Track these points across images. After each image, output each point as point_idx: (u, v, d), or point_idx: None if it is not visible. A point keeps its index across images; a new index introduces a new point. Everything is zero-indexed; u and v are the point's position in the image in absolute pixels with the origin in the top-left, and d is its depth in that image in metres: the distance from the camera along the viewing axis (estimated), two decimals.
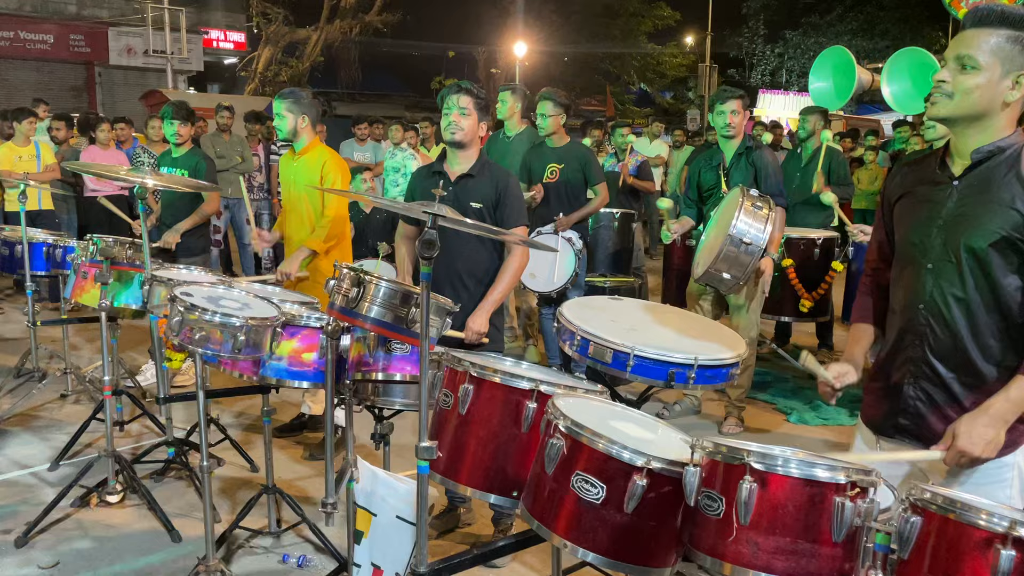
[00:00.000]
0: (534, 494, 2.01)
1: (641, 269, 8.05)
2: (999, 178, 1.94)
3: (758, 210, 3.95)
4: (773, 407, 5.58)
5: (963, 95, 1.93)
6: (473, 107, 3.35)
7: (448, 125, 3.38)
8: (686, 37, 30.86)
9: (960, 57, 1.93)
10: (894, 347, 2.13)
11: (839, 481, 1.60)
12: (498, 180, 3.42)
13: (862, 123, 18.41)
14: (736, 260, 3.82)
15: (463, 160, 3.44)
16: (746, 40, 32.19)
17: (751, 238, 3.83)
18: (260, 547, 3.58)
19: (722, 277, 3.81)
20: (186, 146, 5.45)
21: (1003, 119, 1.95)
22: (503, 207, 3.38)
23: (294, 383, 2.98)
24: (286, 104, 4.43)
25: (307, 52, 23.09)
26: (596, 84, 26.93)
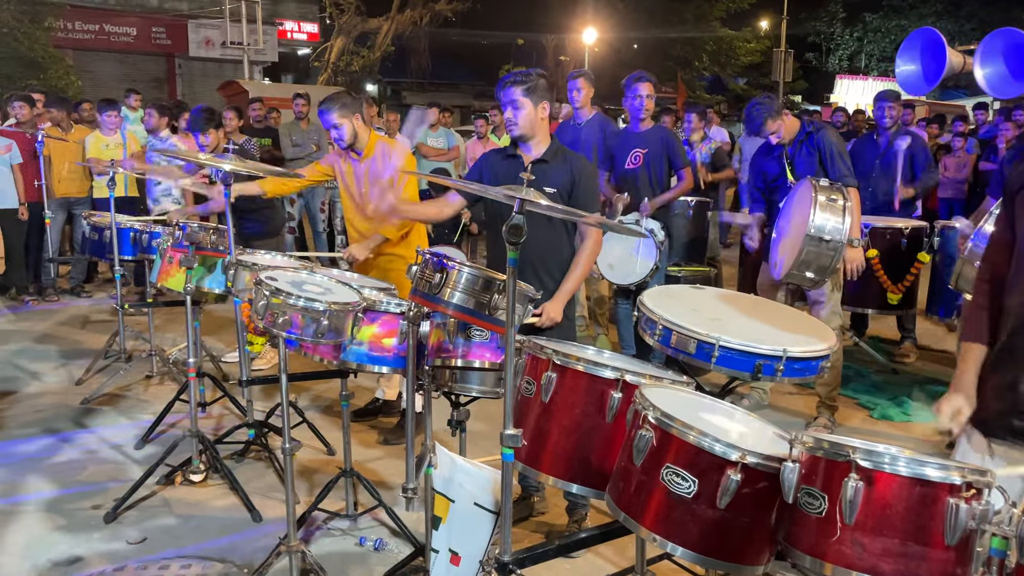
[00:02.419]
0: (621, 486, 1.97)
1: (716, 258, 7.89)
2: None
3: (833, 203, 3.80)
4: (855, 402, 5.39)
5: None
6: (523, 96, 3.26)
7: (507, 123, 3.34)
8: (761, 21, 30.06)
9: None
10: (1009, 344, 2.02)
11: (953, 482, 1.52)
12: (572, 166, 3.35)
13: (947, 108, 17.68)
14: (818, 258, 3.69)
15: (535, 146, 3.38)
16: (824, 24, 31.20)
17: (830, 234, 3.68)
18: (337, 529, 3.63)
19: (805, 276, 3.68)
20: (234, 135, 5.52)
21: None
22: (578, 193, 3.31)
23: (374, 368, 2.99)
24: (337, 112, 4.21)
25: (378, 42, 23.32)
26: (667, 70, 26.46)
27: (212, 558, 3.39)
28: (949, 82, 14.78)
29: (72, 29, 20.50)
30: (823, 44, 31.60)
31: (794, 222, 4.05)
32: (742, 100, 27.60)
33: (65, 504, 3.86)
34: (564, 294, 3.26)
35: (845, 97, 23.75)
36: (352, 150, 4.37)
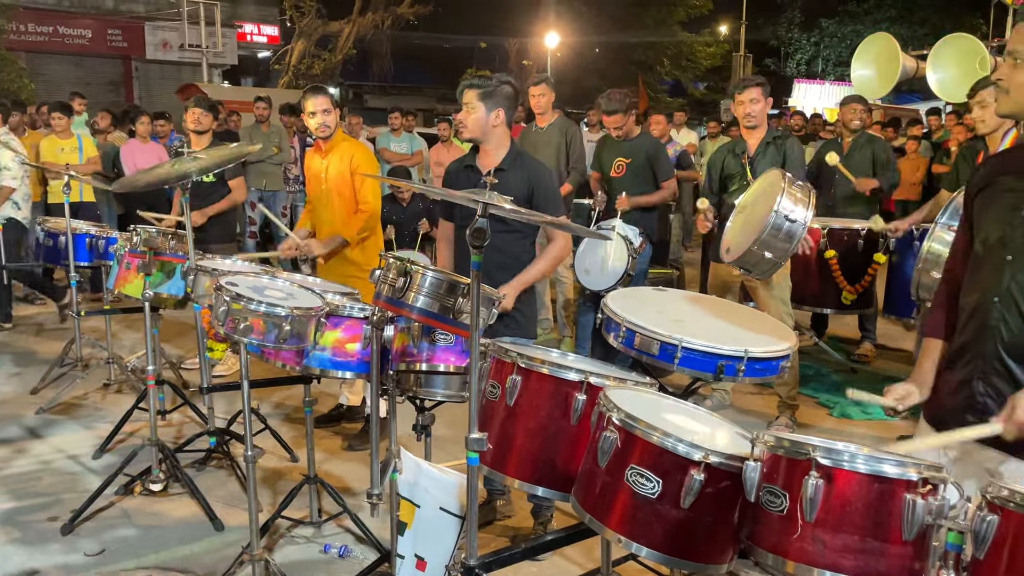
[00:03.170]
0: (586, 487, 1.98)
1: (679, 261, 7.97)
2: None
3: (800, 189, 3.86)
4: (815, 401, 5.48)
5: (1017, 90, 1.91)
6: (477, 100, 3.25)
7: (457, 125, 3.34)
8: (720, 26, 30.46)
9: (1012, 52, 1.91)
10: (963, 342, 2.06)
11: (910, 478, 1.55)
12: (530, 173, 3.34)
13: (901, 112, 18.06)
14: (777, 241, 3.72)
15: (491, 153, 3.37)
16: (782, 28, 31.71)
17: (794, 218, 3.72)
18: (301, 537, 3.59)
19: (763, 256, 3.70)
20: (207, 137, 5.51)
21: None
22: (537, 200, 3.30)
23: (337, 373, 2.97)
24: (330, 99, 4.38)
25: (339, 45, 23.15)
26: (629, 74, 26.65)
27: (173, 568, 3.33)
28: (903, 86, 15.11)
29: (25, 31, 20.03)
30: (781, 49, 32.10)
31: (755, 208, 4.09)
32: (703, 104, 27.95)
33: (20, 516, 3.77)
34: (518, 283, 3.25)
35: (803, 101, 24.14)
36: (322, 142, 4.45)
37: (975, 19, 25.41)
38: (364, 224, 4.39)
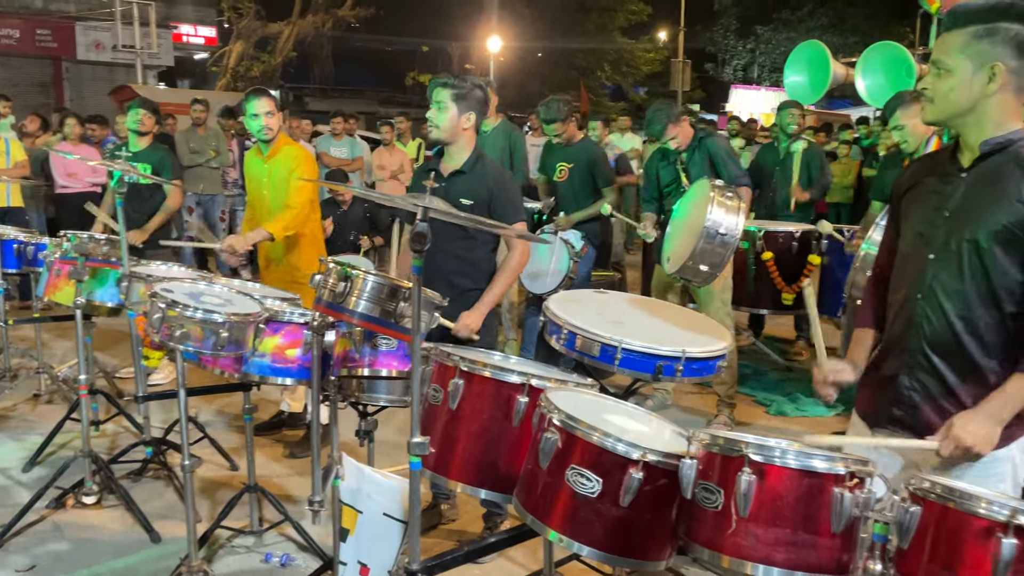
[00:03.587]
0: (528, 489, 2.00)
1: (621, 263, 8.07)
2: (1006, 171, 1.94)
3: (729, 201, 3.95)
4: (753, 399, 5.61)
5: (942, 98, 1.98)
6: (450, 100, 3.23)
7: (427, 122, 3.30)
8: (659, 32, 30.94)
9: (934, 63, 1.99)
10: (891, 338, 2.14)
11: (838, 472, 1.60)
12: (490, 177, 3.32)
13: (833, 117, 18.60)
14: (712, 252, 3.81)
15: (455, 156, 3.35)
16: (718, 35, 32.37)
17: (726, 228, 3.82)
18: (242, 547, 3.53)
19: (698, 270, 3.80)
20: (147, 139, 5.39)
21: (997, 111, 1.94)
22: (497, 204, 3.28)
23: (277, 380, 2.93)
24: (273, 101, 4.31)
25: (279, 47, 22.84)
26: (570, 79, 26.90)
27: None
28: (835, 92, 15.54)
29: None
30: (718, 55, 32.76)
31: (690, 219, 4.18)
32: (643, 109, 28.34)
33: None
34: (485, 305, 3.24)
35: (740, 106, 24.70)
36: (263, 145, 4.39)
37: (903, 28, 26.32)
38: (291, 223, 4.28)
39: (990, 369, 1.96)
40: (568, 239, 5.19)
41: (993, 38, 1.89)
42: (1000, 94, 1.93)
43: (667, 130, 4.90)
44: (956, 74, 1.94)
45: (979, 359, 1.97)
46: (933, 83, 2.00)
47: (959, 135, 2.07)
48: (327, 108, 14.95)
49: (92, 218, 5.67)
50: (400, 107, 17.89)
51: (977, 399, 1.96)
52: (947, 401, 2.01)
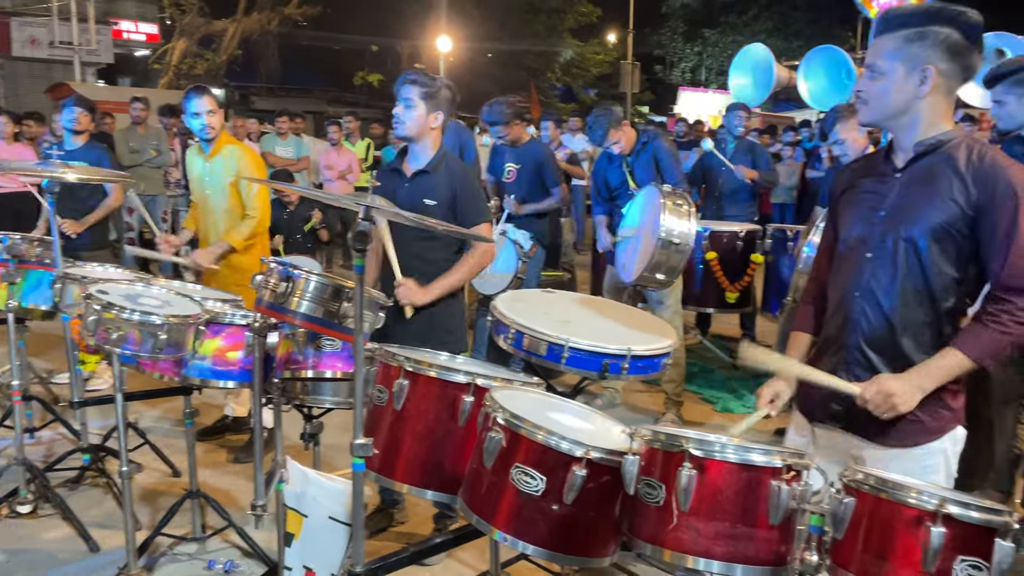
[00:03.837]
0: (472, 488, 1.99)
1: (571, 263, 8.11)
2: (939, 171, 1.99)
3: (679, 207, 4.01)
4: (700, 397, 5.69)
5: (876, 100, 2.03)
6: (418, 98, 3.19)
7: (394, 119, 3.24)
8: (608, 35, 31.19)
9: (868, 65, 2.04)
10: (829, 335, 2.18)
11: (775, 465, 1.63)
12: (454, 176, 3.27)
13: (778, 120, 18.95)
14: (668, 261, 3.87)
15: (420, 155, 3.31)
16: (666, 38, 32.76)
17: (679, 237, 3.87)
18: (184, 554, 3.45)
19: (656, 278, 3.86)
20: (83, 138, 5.25)
21: (929, 112, 2.00)
22: (460, 204, 3.24)
23: (219, 383, 2.88)
24: (214, 99, 4.24)
25: (223, 45, 22.40)
26: (521, 80, 26.96)
27: None
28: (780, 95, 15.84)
29: None
30: (667, 58, 33.15)
31: (643, 228, 4.23)
32: None
33: None
34: (436, 287, 3.20)
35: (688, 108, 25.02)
36: (206, 144, 4.30)
37: (845, 32, 26.97)
38: (251, 231, 4.27)
39: None
40: (517, 239, 5.19)
41: (924, 41, 1.94)
42: (932, 96, 1.98)
43: (608, 135, 4.94)
44: (890, 77, 1.99)
45: (914, 355, 2.02)
46: (867, 86, 2.04)
47: (893, 137, 2.12)
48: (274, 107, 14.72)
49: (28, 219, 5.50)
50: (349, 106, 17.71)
51: None
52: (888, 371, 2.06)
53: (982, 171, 1.94)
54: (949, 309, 2.01)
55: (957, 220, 1.95)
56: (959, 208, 1.94)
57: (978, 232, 1.94)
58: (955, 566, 1.50)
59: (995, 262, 1.92)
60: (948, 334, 2.01)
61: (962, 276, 1.99)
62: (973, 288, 2.02)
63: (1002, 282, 1.92)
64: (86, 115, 5.25)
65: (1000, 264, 1.91)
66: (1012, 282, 1.90)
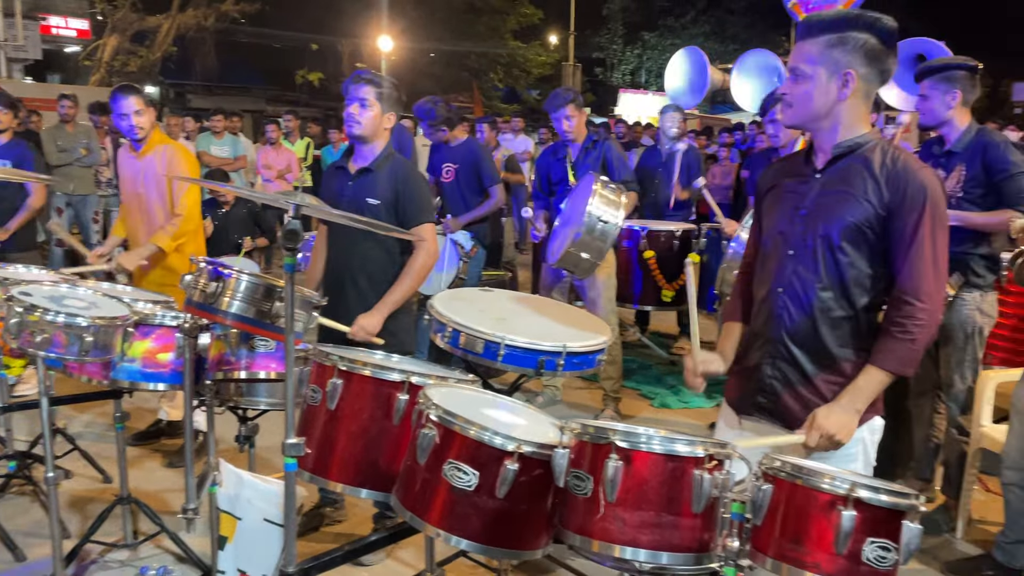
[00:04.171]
0: (406, 486, 2.00)
1: (512, 263, 8.15)
2: (855, 172, 2.06)
3: (611, 192, 4.06)
4: (638, 393, 5.78)
5: (800, 103, 2.09)
6: (374, 98, 3.16)
7: (347, 118, 3.20)
8: (550, 36, 31.39)
9: (792, 69, 2.10)
10: (755, 330, 2.25)
11: (698, 455, 1.68)
12: (398, 175, 3.24)
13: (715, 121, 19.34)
14: (593, 241, 3.90)
15: (366, 154, 3.28)
16: (607, 41, 33.12)
17: (607, 218, 3.90)
18: (115, 561, 3.37)
19: (580, 258, 3.88)
20: (6, 136, 5.09)
21: (849, 116, 2.07)
22: (403, 204, 3.21)
23: (149, 386, 2.82)
24: (143, 98, 4.13)
25: (158, 41, 21.86)
26: (463, 80, 26.96)
27: None
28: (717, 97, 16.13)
29: None
30: (607, 60, 33.52)
31: (573, 211, 4.27)
32: (536, 111, 28.68)
33: None
34: (384, 306, 3.16)
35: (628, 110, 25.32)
36: (137, 144, 4.20)
37: (779, 37, 27.64)
38: (181, 229, 4.19)
39: (844, 358, 2.10)
40: (458, 240, 5.20)
41: (845, 47, 2.01)
42: (852, 99, 2.06)
43: (567, 107, 4.90)
44: (813, 80, 2.05)
45: (834, 349, 2.10)
46: (792, 88, 2.10)
47: (813, 138, 2.20)
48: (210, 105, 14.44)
49: None
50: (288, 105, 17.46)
51: (832, 386, 2.09)
52: (805, 388, 2.13)
53: (895, 173, 2.02)
54: (866, 304, 2.09)
55: (871, 220, 2.03)
56: (873, 208, 2.03)
57: (888, 232, 2.02)
58: (865, 547, 1.57)
59: (898, 261, 2.02)
60: (865, 327, 2.10)
61: (877, 273, 2.07)
62: (889, 284, 2.10)
63: (902, 284, 2.01)
64: (6, 112, 5.08)
65: (901, 264, 2.01)
66: (910, 284, 1.99)
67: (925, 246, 1.98)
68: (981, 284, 3.55)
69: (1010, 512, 3.26)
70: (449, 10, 26.22)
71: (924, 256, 1.98)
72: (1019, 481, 3.21)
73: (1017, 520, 3.23)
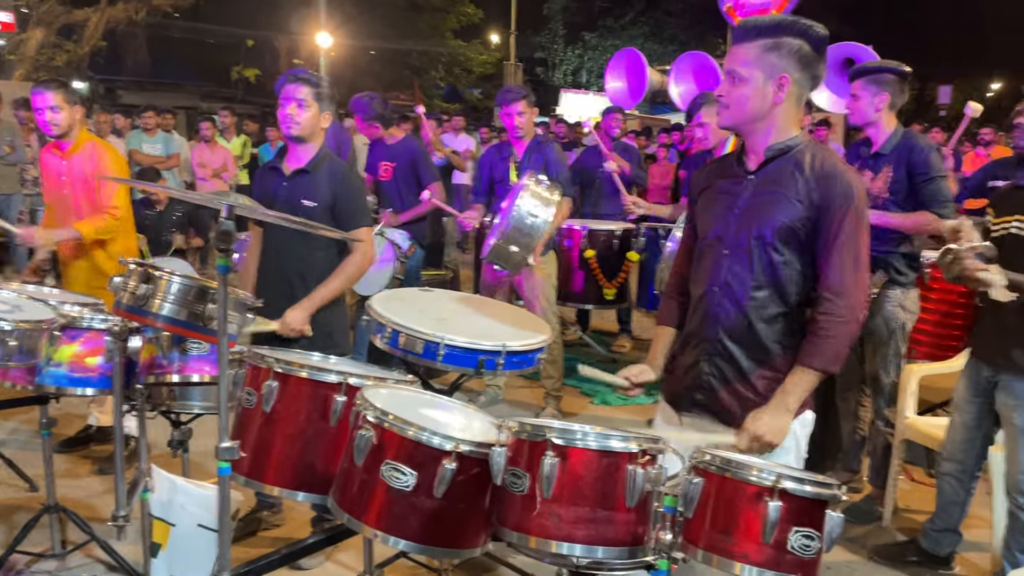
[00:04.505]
0: (343, 487, 1.99)
1: (453, 263, 8.15)
2: (786, 173, 2.13)
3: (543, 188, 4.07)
4: (579, 391, 5.83)
5: (737, 105, 2.14)
6: (312, 98, 3.13)
7: (284, 119, 3.15)
8: (491, 35, 31.41)
9: (729, 72, 2.15)
10: (692, 329, 2.30)
11: (631, 450, 1.72)
12: (334, 177, 3.21)
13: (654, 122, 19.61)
14: (521, 234, 3.91)
15: (301, 154, 3.23)
16: (548, 40, 33.30)
17: (537, 212, 3.92)
18: (42, 571, 3.27)
19: (509, 251, 3.90)
20: None
21: (781, 119, 2.14)
22: (340, 206, 3.18)
23: (77, 391, 2.74)
24: (60, 93, 3.97)
25: (86, 35, 21.15)
26: (404, 78, 26.76)
27: None
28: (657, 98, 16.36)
29: None
30: (549, 59, 33.69)
31: (507, 206, 4.28)
32: (477, 110, 28.68)
33: None
34: (310, 301, 3.13)
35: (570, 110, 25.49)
36: (60, 141, 4.06)
37: (716, 39, 28.18)
38: (107, 226, 4.05)
39: (779, 354, 2.16)
40: (395, 239, 5.17)
41: (780, 51, 2.07)
42: (786, 103, 2.12)
43: (520, 102, 4.89)
44: (750, 84, 2.10)
45: (770, 345, 2.16)
46: (729, 90, 2.15)
47: (745, 140, 2.26)
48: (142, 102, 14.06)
49: None
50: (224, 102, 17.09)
51: (768, 381, 2.15)
52: (741, 384, 2.19)
53: (823, 174, 2.09)
54: (799, 301, 2.16)
55: (802, 219, 2.09)
56: (804, 208, 2.09)
57: (816, 230, 2.09)
58: (790, 536, 1.62)
59: (821, 260, 2.09)
60: (798, 324, 2.16)
61: (809, 271, 2.14)
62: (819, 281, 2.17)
63: (824, 281, 2.09)
64: None
65: (825, 262, 2.08)
66: (832, 280, 2.07)
67: (847, 245, 2.06)
68: (903, 282, 3.69)
69: (942, 501, 3.39)
70: (389, 7, 25.98)
71: (845, 255, 2.06)
72: (955, 472, 3.33)
73: (947, 509, 3.37)
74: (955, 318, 4.32)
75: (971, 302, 4.21)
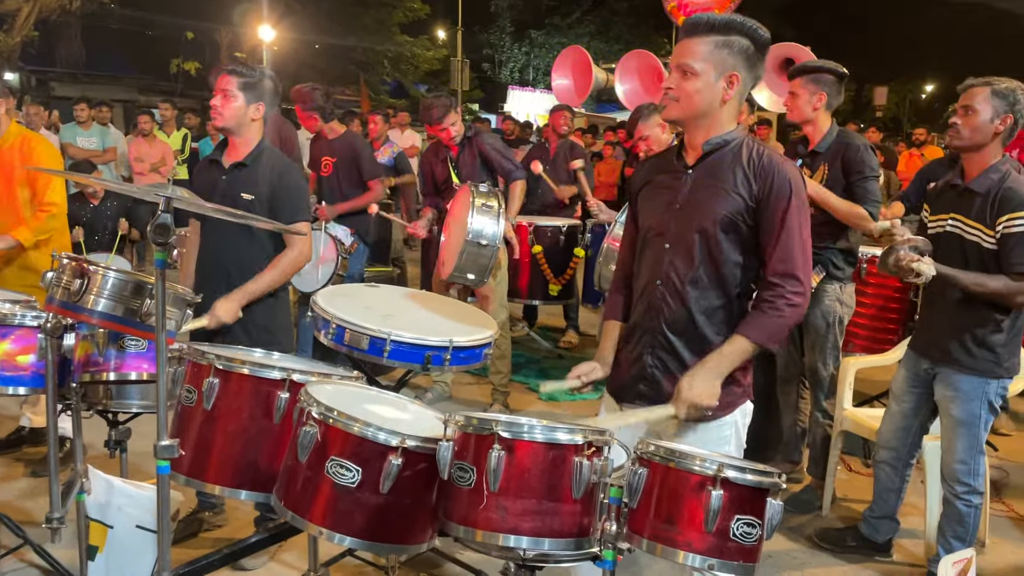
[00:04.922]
0: (287, 485, 1.96)
1: (400, 259, 8.09)
2: (725, 167, 2.17)
3: (488, 209, 4.06)
4: (526, 387, 5.85)
5: (687, 99, 2.15)
6: (237, 88, 3.08)
7: (212, 110, 3.11)
8: (438, 31, 31.28)
9: (680, 65, 2.16)
10: (635, 322, 2.32)
11: (577, 442, 1.73)
12: (272, 171, 3.17)
13: (600, 120, 19.80)
14: (476, 261, 3.91)
15: (239, 148, 3.18)
16: (495, 37, 33.32)
17: (487, 238, 3.91)
18: None
19: (467, 278, 3.92)
20: None
21: (725, 115, 2.18)
22: (278, 200, 3.13)
23: (8, 390, 2.64)
24: None
25: (17, 25, 20.42)
26: (349, 73, 26.47)
27: None
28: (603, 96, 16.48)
29: None
30: (496, 56, 33.72)
31: (456, 226, 4.27)
32: None
33: None
34: (241, 293, 3.05)
35: (517, 107, 25.56)
36: None
37: (661, 38, 28.55)
38: (45, 225, 3.95)
39: (719, 344, 2.18)
40: (336, 235, 5.11)
41: (731, 49, 2.11)
42: (733, 100, 2.16)
43: (447, 117, 4.90)
44: (702, 77, 2.12)
45: (711, 337, 2.19)
46: (679, 84, 2.15)
47: (685, 135, 2.28)
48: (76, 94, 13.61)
49: None
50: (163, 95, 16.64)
51: None
52: (683, 375, 2.21)
53: (762, 166, 2.14)
54: (739, 292, 2.20)
55: (742, 211, 2.14)
56: (743, 200, 2.13)
57: (758, 222, 2.13)
58: (732, 524, 1.66)
59: (768, 248, 2.13)
60: (738, 315, 2.20)
61: (748, 262, 2.19)
62: (758, 272, 2.22)
63: (773, 268, 2.13)
64: None
65: (772, 250, 2.13)
66: (781, 267, 2.12)
67: (793, 232, 2.11)
68: (840, 276, 3.79)
69: (879, 488, 3.50)
70: (334, 1, 25.67)
71: (793, 241, 2.11)
72: (890, 460, 3.43)
73: (884, 496, 3.47)
74: (890, 312, 4.45)
75: (906, 296, 4.34)
